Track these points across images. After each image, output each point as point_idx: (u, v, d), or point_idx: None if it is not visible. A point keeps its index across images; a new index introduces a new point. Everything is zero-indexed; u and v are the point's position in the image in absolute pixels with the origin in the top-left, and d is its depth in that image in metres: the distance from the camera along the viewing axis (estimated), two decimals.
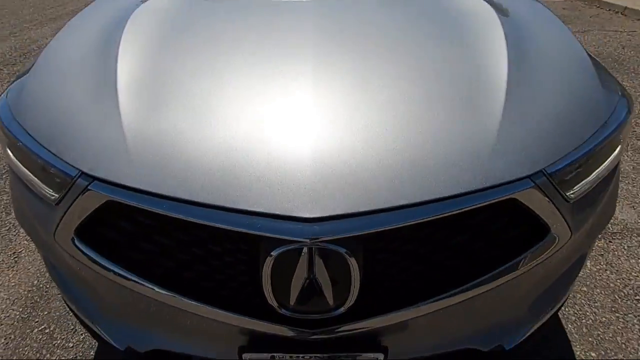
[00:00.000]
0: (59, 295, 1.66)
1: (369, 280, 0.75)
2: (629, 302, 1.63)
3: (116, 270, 0.80)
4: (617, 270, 1.77)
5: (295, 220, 0.67)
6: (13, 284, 1.72)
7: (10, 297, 1.66)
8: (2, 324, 1.54)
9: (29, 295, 1.67)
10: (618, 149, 0.96)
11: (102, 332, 0.93)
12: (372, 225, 0.68)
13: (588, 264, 1.80)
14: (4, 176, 2.43)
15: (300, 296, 0.73)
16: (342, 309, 0.75)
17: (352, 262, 0.69)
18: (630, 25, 6.09)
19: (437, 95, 0.87)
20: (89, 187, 0.75)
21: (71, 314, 1.55)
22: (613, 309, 1.60)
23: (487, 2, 1.24)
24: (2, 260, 1.84)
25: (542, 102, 0.88)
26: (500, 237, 0.81)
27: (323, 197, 0.68)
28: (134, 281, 0.80)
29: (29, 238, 1.96)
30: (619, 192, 2.28)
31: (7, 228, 2.03)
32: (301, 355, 0.82)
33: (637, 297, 1.65)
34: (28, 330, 1.52)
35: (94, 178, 0.75)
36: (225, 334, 0.83)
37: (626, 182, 2.37)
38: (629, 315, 1.57)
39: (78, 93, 0.93)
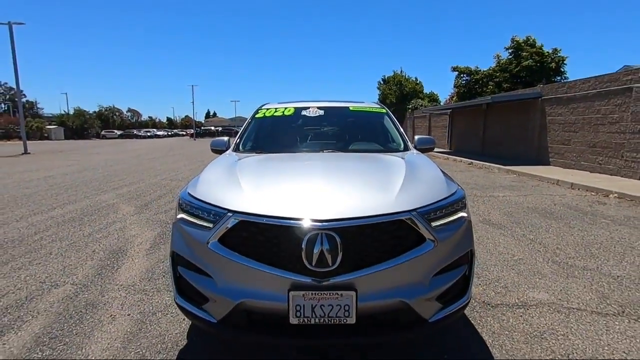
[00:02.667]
0: (148, 335, 2.43)
1: (344, 254, 1.76)
2: (536, 338, 2.39)
3: (237, 255, 1.82)
4: (530, 324, 2.56)
5: (316, 221, 1.76)
6: (113, 331, 2.50)
7: (112, 337, 2.42)
8: (106, 350, 2.28)
9: (125, 337, 2.43)
10: (463, 211, 2.09)
11: (217, 294, 1.84)
12: (345, 223, 1.76)
13: (511, 320, 2.60)
14: (98, 275, 3.39)
15: (318, 258, 1.73)
16: (334, 266, 1.74)
17: (338, 241, 1.73)
18: (561, 191, 7.88)
19: (374, 185, 2.10)
20: (232, 216, 1.86)
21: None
22: (524, 342, 2.35)
23: (398, 157, 2.70)
24: (104, 319, 2.65)
25: (417, 186, 2.08)
26: (407, 241, 1.86)
27: (327, 212, 1.79)
28: (245, 260, 1.80)
29: (120, 306, 2.81)
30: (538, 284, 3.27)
31: (103, 303, 2.89)
32: (316, 292, 1.73)
33: (542, 337, 2.41)
34: (123, 348, 2.25)
35: (235, 212, 1.87)
36: (281, 284, 1.76)
37: (541, 279, 3.30)
38: (535, 345, 2.32)
39: (222, 183, 2.18)
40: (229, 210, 1.90)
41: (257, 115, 3.67)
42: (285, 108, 3.66)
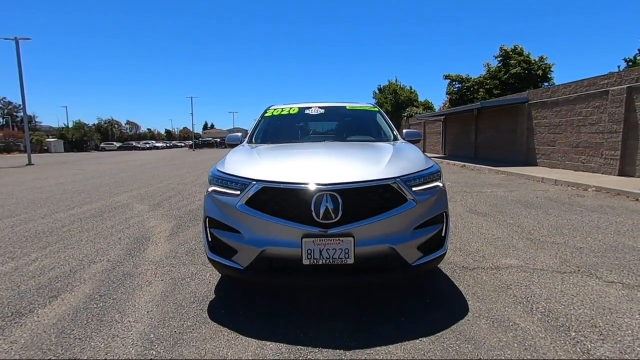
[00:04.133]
0: (182, 292, 2.92)
1: (344, 210, 2.28)
2: (503, 288, 2.90)
3: (261, 213, 2.34)
4: (499, 280, 3.08)
5: (322, 184, 2.28)
6: (152, 290, 2.99)
7: (152, 294, 2.91)
8: (150, 302, 2.76)
9: (162, 294, 2.92)
10: (438, 181, 2.62)
11: (245, 245, 2.34)
12: (344, 186, 2.28)
13: (484, 277, 3.11)
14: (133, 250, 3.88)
15: (323, 213, 2.25)
16: (336, 218, 2.26)
17: (339, 200, 2.26)
18: (544, 187, 8.43)
19: (367, 160, 2.65)
20: (256, 184, 2.38)
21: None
22: (493, 291, 2.86)
23: (388, 144, 3.24)
24: (142, 283, 3.14)
25: (401, 162, 2.62)
26: (393, 201, 2.39)
27: (330, 178, 2.31)
28: (267, 217, 2.32)
29: (154, 274, 3.30)
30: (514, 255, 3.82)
31: (138, 273, 3.37)
32: (323, 238, 2.24)
33: (508, 288, 2.92)
34: (162, 300, 2.74)
35: (257, 180, 2.40)
36: (295, 233, 2.27)
37: (514, 251, 3.82)
38: (501, 293, 2.83)
39: (244, 161, 2.72)
40: (253, 180, 2.43)
41: (266, 114, 4.22)
42: (291, 108, 4.22)
